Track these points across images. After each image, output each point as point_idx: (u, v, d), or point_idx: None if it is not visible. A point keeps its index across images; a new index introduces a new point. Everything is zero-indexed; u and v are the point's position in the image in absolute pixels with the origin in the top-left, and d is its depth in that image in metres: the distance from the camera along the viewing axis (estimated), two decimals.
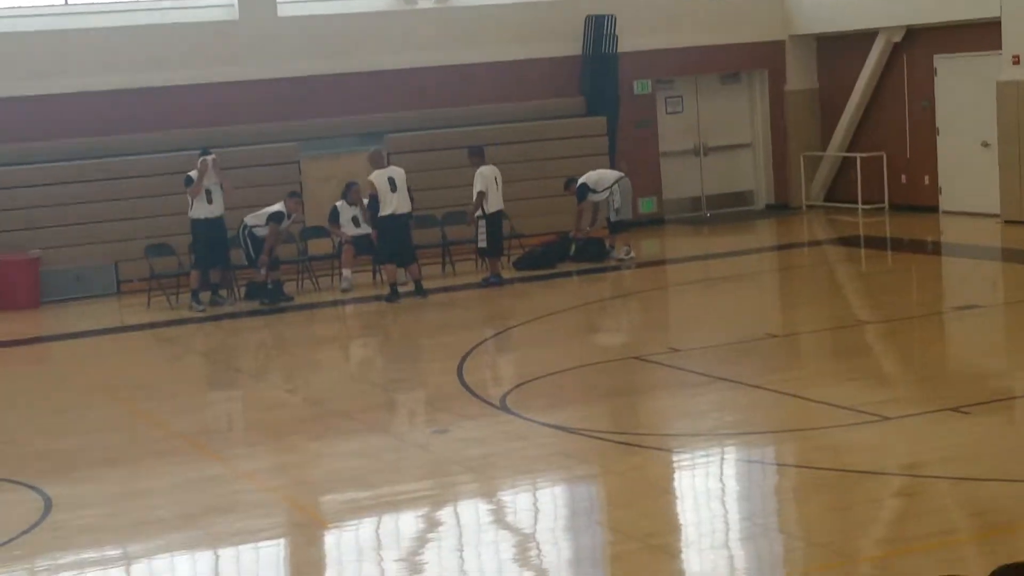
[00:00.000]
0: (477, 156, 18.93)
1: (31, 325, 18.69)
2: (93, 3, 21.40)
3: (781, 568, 8.02)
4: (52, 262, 19.96)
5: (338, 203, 19.61)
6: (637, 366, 13.46)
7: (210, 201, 18.39)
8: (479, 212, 18.69)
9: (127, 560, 8.77)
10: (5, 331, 18.45)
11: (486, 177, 18.71)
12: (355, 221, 19.34)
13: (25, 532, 9.18)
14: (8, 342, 17.94)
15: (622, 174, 20.38)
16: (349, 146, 21.81)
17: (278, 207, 18.66)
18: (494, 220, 18.82)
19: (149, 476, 10.49)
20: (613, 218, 20.03)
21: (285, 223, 18.73)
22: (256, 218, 18.68)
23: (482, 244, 18.86)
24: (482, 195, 18.60)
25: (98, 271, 20.31)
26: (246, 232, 18.65)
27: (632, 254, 20.00)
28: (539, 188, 21.60)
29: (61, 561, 8.73)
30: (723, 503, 9.27)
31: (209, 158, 18.38)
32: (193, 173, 18.43)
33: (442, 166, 21.32)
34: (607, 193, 19.96)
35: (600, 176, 20.21)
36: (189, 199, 18.44)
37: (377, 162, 18.31)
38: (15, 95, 20.42)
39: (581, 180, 20.10)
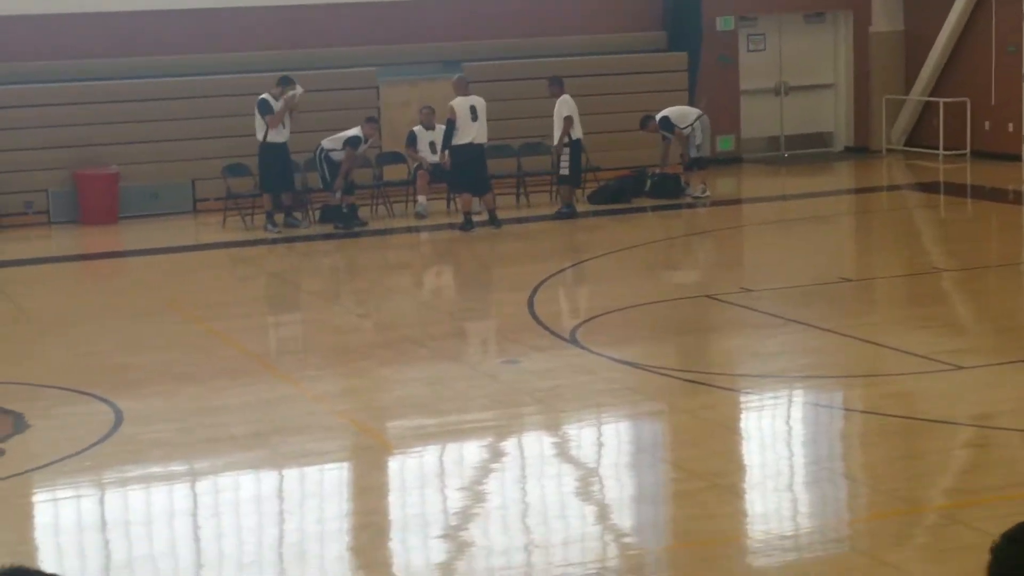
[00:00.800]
0: (557, 86, 18.82)
1: (109, 240, 18.89)
2: None
3: (845, 513, 8.00)
4: (131, 178, 20.11)
5: (415, 127, 19.61)
6: (708, 305, 13.39)
7: (284, 126, 18.46)
8: (564, 139, 18.58)
9: (193, 476, 8.87)
10: (85, 245, 18.70)
11: (572, 104, 18.61)
12: (432, 147, 19.32)
13: (95, 444, 9.30)
14: (87, 256, 18.18)
15: (701, 111, 20.22)
16: (427, 73, 21.76)
17: (355, 131, 18.67)
18: (576, 148, 18.73)
19: (220, 394, 10.58)
20: (693, 155, 19.88)
21: (362, 147, 18.75)
22: (333, 142, 18.72)
23: (564, 171, 18.75)
24: (570, 120, 18.50)
25: (175, 189, 20.45)
26: (322, 155, 18.70)
27: (708, 192, 19.86)
28: (616, 122, 21.44)
29: (129, 474, 8.85)
30: (789, 446, 9.24)
31: (298, 92, 18.39)
32: (268, 97, 18.44)
33: (518, 96, 21.22)
34: (689, 130, 19.81)
35: (681, 112, 20.06)
36: (263, 124, 18.44)
37: (460, 89, 18.26)
38: (98, 10, 20.50)
39: (662, 114, 19.96)
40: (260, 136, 18.54)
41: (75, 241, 19.01)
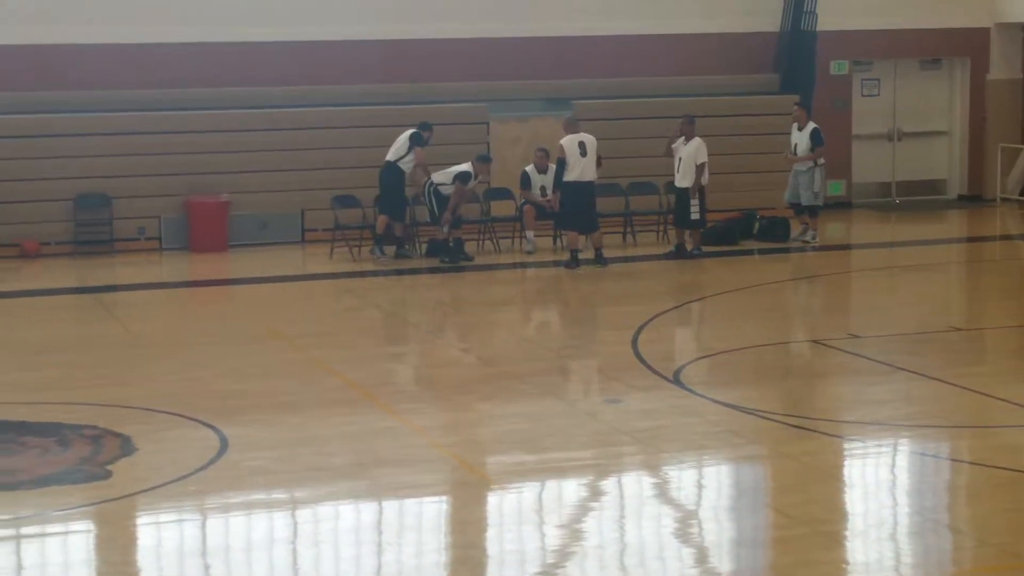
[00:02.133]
0: (689, 126, 18.66)
1: (218, 267, 19.13)
2: None
3: (950, 565, 7.85)
4: (241, 207, 20.36)
5: (528, 168, 19.66)
6: (815, 350, 13.26)
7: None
8: (689, 184, 18.44)
9: (294, 504, 8.92)
10: (194, 272, 18.96)
11: (705, 149, 18.51)
12: (543, 191, 19.36)
13: (200, 469, 9.39)
14: (196, 282, 18.43)
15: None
16: (538, 110, 21.82)
17: (465, 167, 18.76)
18: (704, 193, 18.64)
19: (323, 424, 10.65)
20: (809, 201, 19.65)
21: (471, 183, 18.83)
22: (443, 176, 18.82)
23: (695, 216, 18.60)
24: (704, 166, 18.42)
25: (284, 219, 20.67)
26: (431, 189, 18.80)
27: (816, 238, 19.64)
28: (725, 164, 21.33)
29: (231, 500, 8.92)
30: (894, 495, 9.10)
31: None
32: (421, 132, 18.61)
33: (628, 135, 21.20)
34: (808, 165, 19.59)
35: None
36: (403, 150, 18.55)
37: (571, 128, 18.28)
38: (213, 41, 20.81)
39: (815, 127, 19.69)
40: (392, 157, 18.65)
41: (185, 268, 19.27)
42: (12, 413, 10.88)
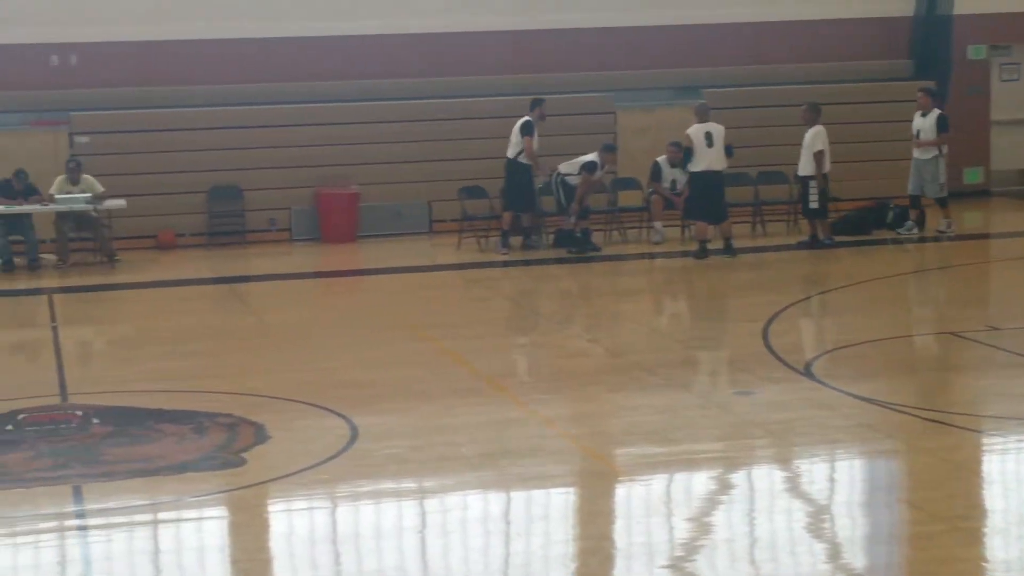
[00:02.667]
0: (812, 114, 18.41)
1: (348, 258, 19.32)
2: None
3: None
4: (370, 198, 20.52)
5: (660, 159, 19.56)
6: (952, 342, 13.00)
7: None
8: (811, 171, 18.23)
9: (423, 493, 8.96)
10: (325, 262, 19.16)
11: (825, 136, 18.27)
12: (674, 184, 19.25)
13: (331, 458, 9.47)
14: (326, 273, 18.61)
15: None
16: (665, 99, 21.69)
17: (592, 157, 18.71)
18: (825, 180, 18.38)
19: (452, 413, 10.68)
20: (935, 194, 19.25)
21: (598, 173, 18.78)
22: (569, 166, 18.79)
23: (814, 204, 18.40)
24: (822, 154, 18.17)
25: (412, 209, 20.79)
26: (559, 180, 18.77)
27: (952, 227, 19.24)
28: (859, 152, 21.04)
29: (361, 489, 8.99)
30: None
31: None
32: (531, 118, 18.57)
33: (757, 124, 20.98)
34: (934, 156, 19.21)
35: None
36: (519, 143, 18.55)
37: (701, 115, 18.14)
38: (344, 34, 20.98)
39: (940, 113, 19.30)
40: (511, 153, 18.68)
41: (315, 258, 19.48)
42: (150, 401, 11.07)
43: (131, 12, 20.32)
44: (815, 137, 18.19)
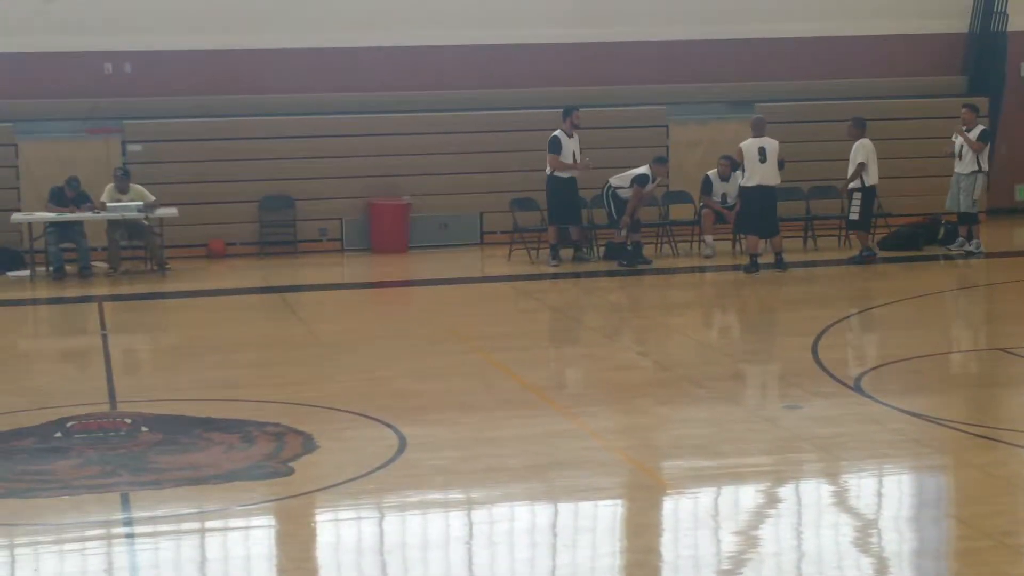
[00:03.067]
0: (857, 128, 18.40)
1: (398, 268, 19.38)
2: None
3: None
4: (421, 209, 20.59)
5: (711, 173, 19.54)
6: (1002, 358, 12.91)
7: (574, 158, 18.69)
8: (856, 184, 18.20)
9: (470, 504, 8.97)
10: (377, 272, 19.24)
11: (869, 149, 18.23)
12: (724, 198, 19.23)
13: (379, 468, 9.50)
14: (377, 283, 18.68)
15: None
16: (718, 113, 21.68)
17: (643, 170, 18.71)
18: (870, 194, 18.33)
19: (500, 425, 10.69)
20: (967, 208, 19.12)
21: (649, 186, 18.77)
22: (620, 179, 18.80)
23: (854, 216, 18.37)
24: (863, 166, 18.12)
25: (464, 221, 20.86)
26: (610, 192, 18.79)
27: (980, 247, 19.02)
28: (910, 168, 20.96)
29: (408, 499, 9.01)
30: None
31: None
32: (559, 134, 18.63)
33: (809, 139, 20.94)
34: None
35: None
36: (552, 161, 18.64)
37: (757, 130, 18.11)
38: (394, 45, 21.08)
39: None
40: (549, 170, 18.76)
41: (366, 269, 19.56)
42: (199, 409, 11.14)
43: (184, 22, 20.50)
44: (856, 150, 18.16)
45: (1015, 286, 17.44)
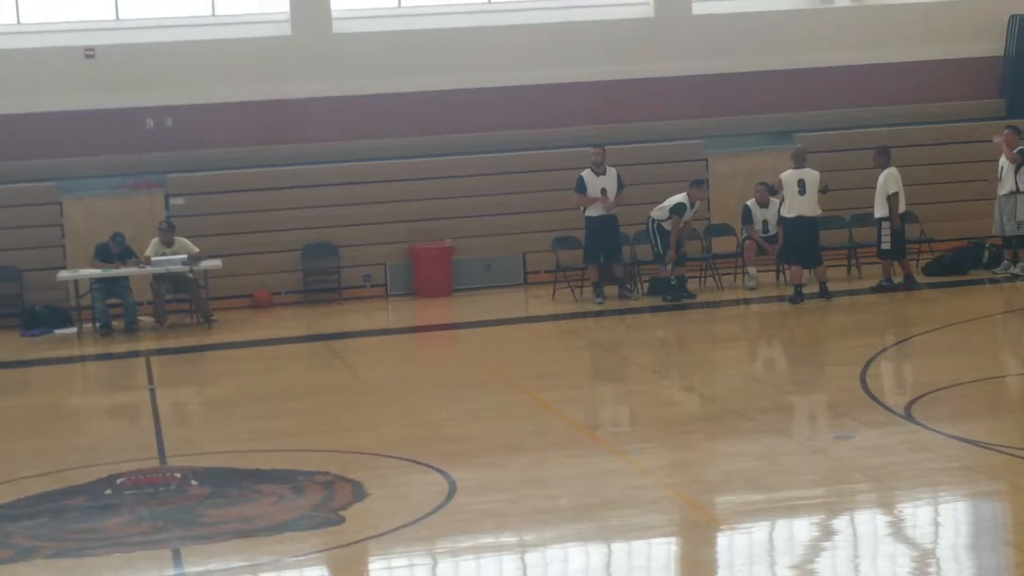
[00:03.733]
0: (882, 157, 18.35)
1: (443, 312, 19.40)
2: (516, 1, 21.97)
3: None
4: (464, 251, 20.64)
5: (749, 202, 19.51)
6: None
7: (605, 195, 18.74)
8: (884, 213, 18.10)
9: (522, 547, 8.94)
10: (421, 316, 19.27)
11: (896, 178, 18.16)
12: (765, 225, 19.20)
13: (430, 514, 9.48)
14: (421, 327, 18.70)
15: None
16: (756, 144, 21.66)
17: (679, 198, 18.69)
18: (902, 222, 18.26)
19: (549, 465, 10.66)
20: (1012, 231, 18.99)
21: (688, 214, 18.73)
22: (660, 211, 18.79)
23: (886, 246, 18.30)
24: (896, 197, 18.05)
25: (507, 261, 20.89)
26: (654, 227, 18.78)
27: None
28: (952, 192, 20.87)
29: (461, 544, 8.98)
30: None
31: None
32: (584, 174, 18.68)
33: (851, 167, 20.88)
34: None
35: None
36: (576, 200, 18.71)
37: (798, 160, 18.08)
38: (431, 89, 21.18)
39: None
40: (581, 208, 18.80)
41: (411, 313, 19.60)
42: (248, 461, 11.16)
43: (222, 74, 20.68)
44: (887, 179, 18.09)
45: None
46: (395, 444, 11.51)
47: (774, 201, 18.83)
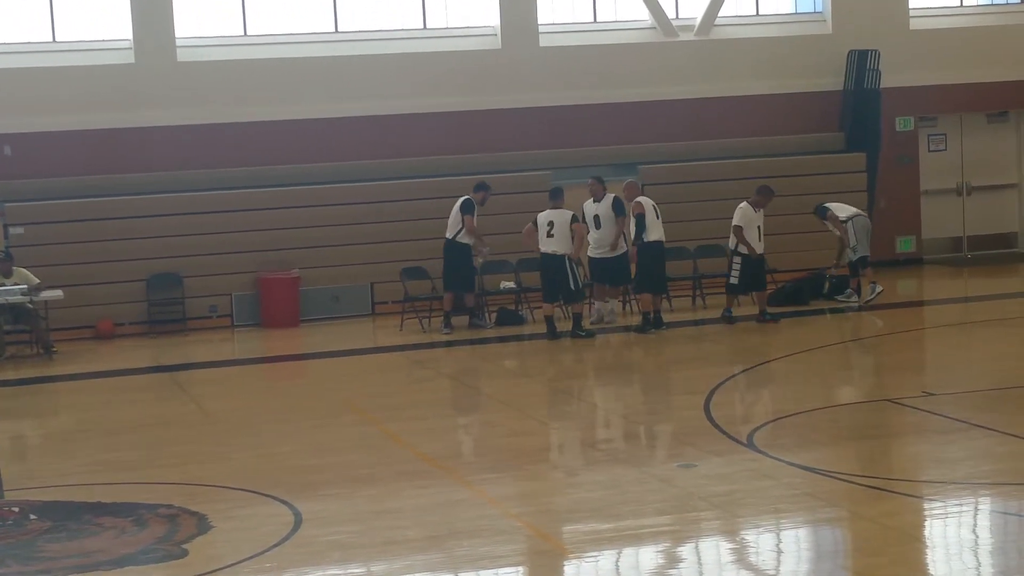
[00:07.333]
0: (758, 195, 18.48)
1: (290, 343, 19.25)
2: (363, 31, 21.94)
3: None
4: (311, 281, 20.52)
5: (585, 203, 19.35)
6: (889, 409, 13.11)
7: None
8: (743, 248, 18.34)
9: None
10: (268, 347, 19.08)
11: (746, 213, 18.38)
12: (596, 220, 18.95)
13: (275, 546, 9.39)
14: (268, 358, 18.53)
15: (858, 211, 19.71)
16: (603, 175, 21.83)
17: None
18: (748, 260, 18.46)
19: (397, 496, 10.63)
20: (851, 257, 19.47)
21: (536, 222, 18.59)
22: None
23: (733, 280, 18.53)
24: (740, 230, 18.30)
25: (354, 292, 20.81)
26: (570, 265, 18.42)
27: (880, 289, 19.35)
28: (793, 224, 21.27)
29: None
30: (976, 555, 8.94)
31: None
32: (471, 198, 18.68)
33: (693, 199, 21.22)
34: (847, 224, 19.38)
35: (838, 207, 19.67)
36: (458, 223, 18.62)
37: (632, 193, 18.28)
38: (280, 119, 21.07)
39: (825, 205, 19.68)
40: (450, 234, 18.74)
41: (257, 344, 19.41)
42: (89, 494, 10.95)
43: (63, 103, 20.33)
44: (736, 213, 18.35)
45: (901, 336, 17.74)
46: (240, 476, 11.38)
47: (607, 196, 18.60)
